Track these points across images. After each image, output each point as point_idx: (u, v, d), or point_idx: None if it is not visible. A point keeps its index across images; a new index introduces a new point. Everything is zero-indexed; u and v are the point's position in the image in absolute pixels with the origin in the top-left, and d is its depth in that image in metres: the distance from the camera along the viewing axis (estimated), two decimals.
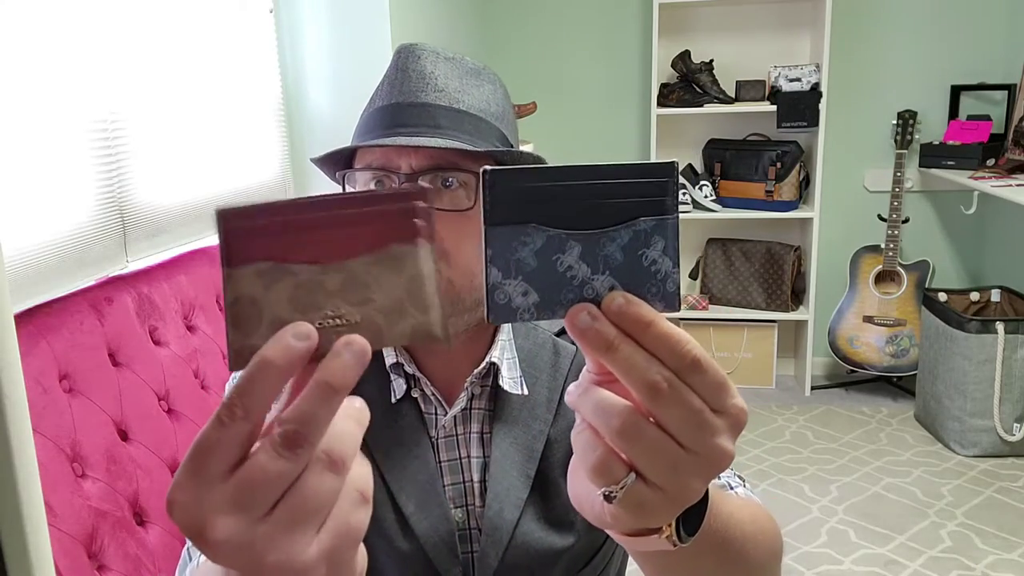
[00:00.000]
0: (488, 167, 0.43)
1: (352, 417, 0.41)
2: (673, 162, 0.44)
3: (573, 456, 0.48)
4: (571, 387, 0.46)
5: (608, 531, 0.50)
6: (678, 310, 0.45)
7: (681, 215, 3.25)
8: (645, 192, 0.43)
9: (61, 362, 1.23)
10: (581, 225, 0.43)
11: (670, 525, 0.50)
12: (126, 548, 1.22)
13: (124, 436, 1.32)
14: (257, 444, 0.38)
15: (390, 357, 0.90)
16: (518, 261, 0.43)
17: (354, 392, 0.40)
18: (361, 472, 0.41)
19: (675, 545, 0.50)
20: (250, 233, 0.39)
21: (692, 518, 0.53)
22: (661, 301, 0.44)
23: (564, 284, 0.43)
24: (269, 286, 0.39)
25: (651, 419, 0.43)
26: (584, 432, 0.45)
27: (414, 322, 0.41)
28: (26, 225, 1.36)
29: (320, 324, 0.39)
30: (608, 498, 0.44)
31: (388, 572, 0.87)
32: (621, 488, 0.43)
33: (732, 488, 0.83)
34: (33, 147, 1.38)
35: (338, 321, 0.40)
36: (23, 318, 1.23)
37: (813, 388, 3.79)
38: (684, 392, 0.42)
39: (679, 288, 0.45)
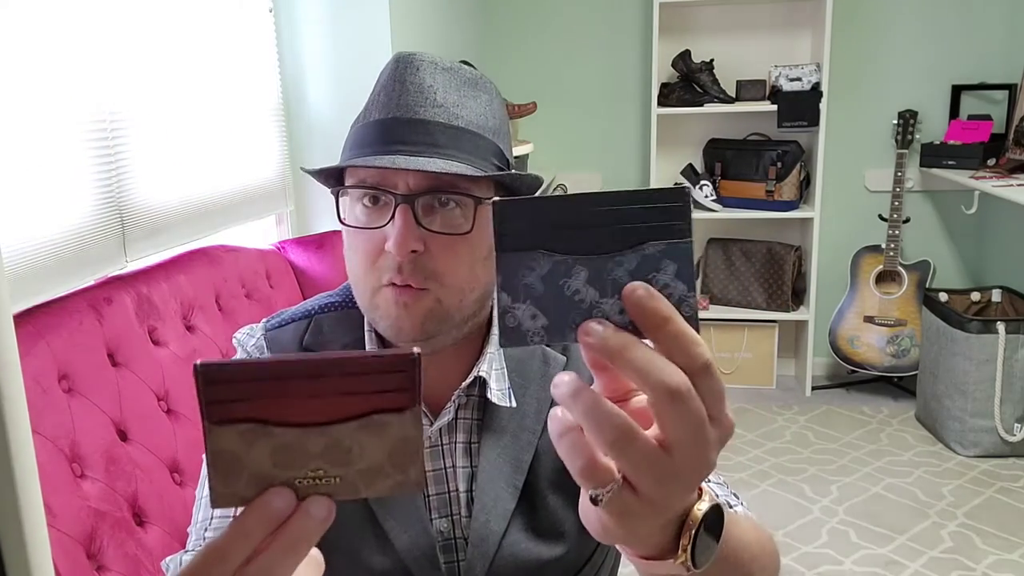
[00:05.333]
0: (498, 198, 0.44)
1: (313, 563, 0.44)
2: (685, 187, 0.45)
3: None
4: (560, 379, 0.44)
5: (624, 553, 0.51)
6: (697, 333, 0.44)
7: None
8: (656, 217, 0.44)
9: (60, 362, 1.23)
10: (588, 250, 0.44)
11: (684, 550, 0.50)
12: (125, 548, 1.21)
13: (123, 436, 1.31)
14: None
15: None
16: (526, 286, 0.44)
17: None
18: None
19: (689, 571, 0.50)
20: (232, 395, 0.39)
21: (710, 540, 0.52)
22: None
23: (572, 307, 0.44)
24: (251, 444, 0.40)
25: (648, 430, 0.43)
26: (569, 435, 0.44)
27: (392, 481, 0.42)
28: (25, 225, 1.35)
29: (299, 482, 0.41)
30: (594, 501, 0.44)
31: None
32: (608, 492, 0.43)
33: (731, 507, 0.83)
34: (32, 147, 1.37)
35: (319, 482, 0.41)
36: (22, 318, 1.22)
37: (814, 388, 3.78)
38: (695, 398, 0.42)
39: (696, 312, 0.44)
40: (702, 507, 0.50)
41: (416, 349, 0.41)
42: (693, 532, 0.50)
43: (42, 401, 1.17)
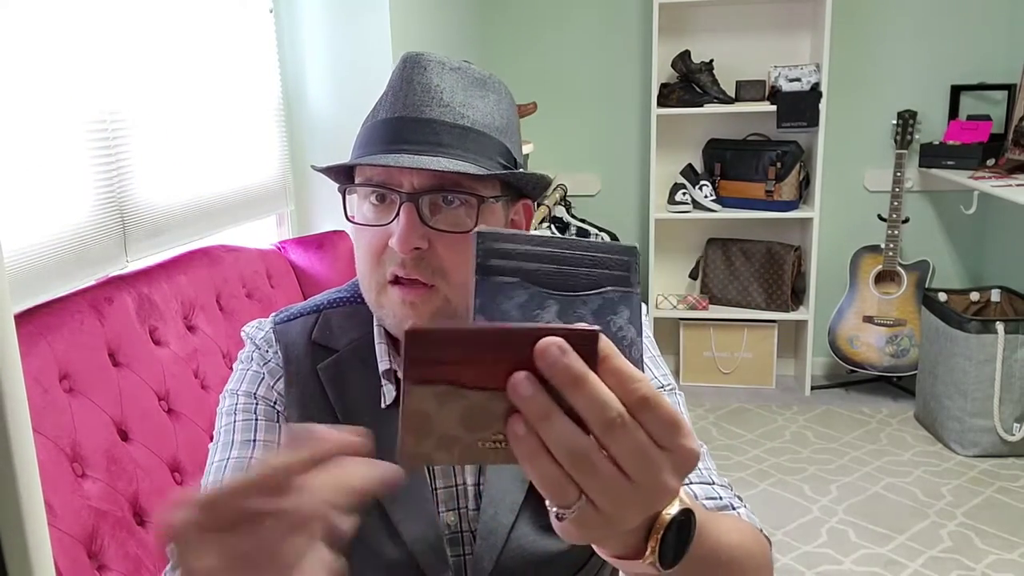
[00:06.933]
0: (479, 228, 0.48)
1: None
2: (634, 247, 0.50)
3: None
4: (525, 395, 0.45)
5: (597, 551, 0.54)
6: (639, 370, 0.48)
7: (682, 215, 3.21)
8: (613, 266, 0.49)
9: (61, 362, 1.23)
10: (558, 287, 0.48)
11: (653, 551, 0.53)
12: (126, 548, 1.22)
13: (124, 436, 1.32)
14: None
15: (383, 363, 0.90)
16: (504, 312, 0.47)
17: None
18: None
19: (658, 571, 0.53)
20: (433, 358, 0.42)
21: (679, 542, 0.55)
22: None
23: None
24: (443, 405, 0.43)
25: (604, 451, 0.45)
26: (537, 458, 0.45)
27: None
28: (26, 225, 1.36)
29: (482, 444, 0.44)
30: (559, 517, 0.47)
31: None
32: (572, 512, 0.46)
33: (734, 508, 0.85)
34: (33, 146, 1.38)
35: (499, 446, 0.45)
36: (23, 318, 1.23)
37: (813, 388, 3.79)
38: (634, 427, 0.44)
39: (642, 355, 0.49)
40: (671, 511, 0.53)
41: (596, 327, 0.43)
42: (660, 535, 0.53)
43: (43, 401, 1.17)
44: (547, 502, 0.47)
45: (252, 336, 0.97)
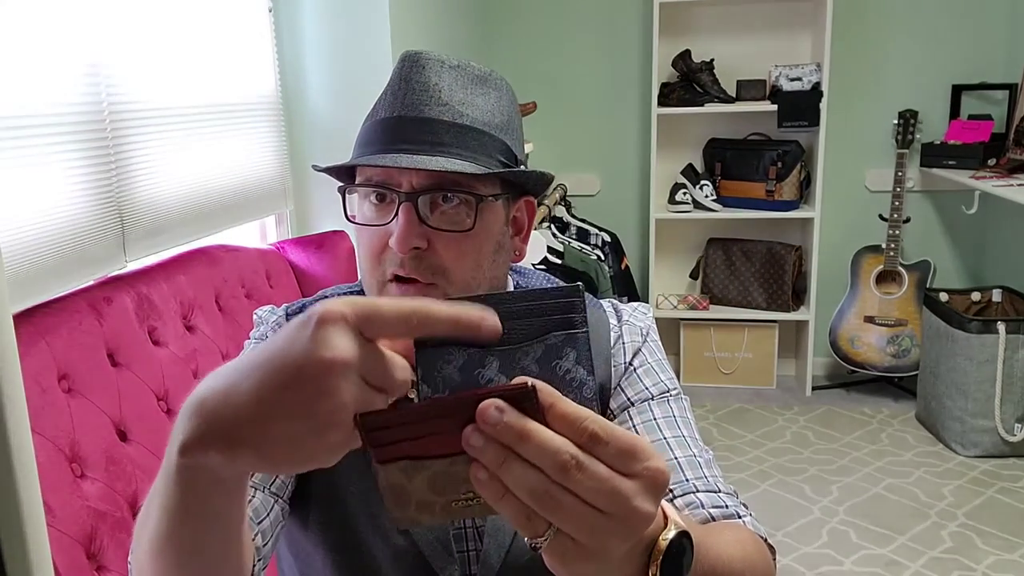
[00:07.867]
0: None
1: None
2: (578, 284, 0.50)
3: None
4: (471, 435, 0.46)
5: None
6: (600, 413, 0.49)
7: (682, 215, 3.19)
8: (554, 311, 0.49)
9: (60, 362, 1.23)
10: (499, 342, 0.49)
11: None
12: (125, 549, 1.21)
13: (123, 437, 1.31)
14: None
15: None
16: (444, 377, 0.49)
17: None
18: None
19: None
20: (387, 439, 0.46)
21: (678, 566, 0.55)
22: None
23: None
24: (411, 477, 0.47)
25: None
26: (507, 498, 0.46)
27: None
28: (24, 225, 1.35)
29: (455, 504, 0.48)
30: (533, 548, 0.47)
31: (385, 568, 0.89)
32: (545, 540, 0.47)
33: (740, 516, 0.85)
34: (31, 146, 1.37)
35: (470, 503, 0.48)
36: (22, 318, 1.22)
37: (814, 388, 3.78)
38: (591, 463, 0.45)
39: (595, 394, 0.49)
40: (668, 536, 0.53)
41: (531, 381, 0.45)
42: (660, 561, 0.53)
43: (42, 401, 1.17)
44: (525, 539, 0.48)
45: (265, 319, 0.98)
